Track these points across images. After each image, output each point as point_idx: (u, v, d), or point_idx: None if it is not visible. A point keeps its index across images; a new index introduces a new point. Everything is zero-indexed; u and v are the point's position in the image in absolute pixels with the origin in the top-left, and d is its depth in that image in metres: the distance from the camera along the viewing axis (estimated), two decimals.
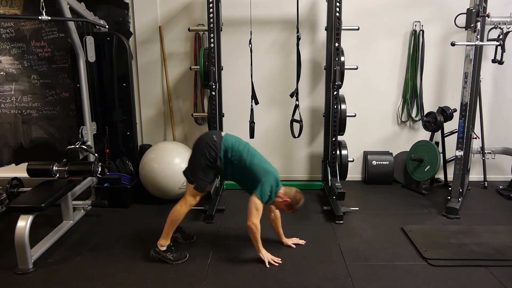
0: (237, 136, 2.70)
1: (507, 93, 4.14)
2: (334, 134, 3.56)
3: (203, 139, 2.60)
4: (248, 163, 2.54)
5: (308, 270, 2.51)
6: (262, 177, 2.50)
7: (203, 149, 2.55)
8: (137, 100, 4.16)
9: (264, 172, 2.52)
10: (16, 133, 4.27)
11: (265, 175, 2.51)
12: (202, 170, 2.55)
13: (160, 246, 2.60)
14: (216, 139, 2.57)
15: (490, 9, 3.48)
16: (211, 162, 2.55)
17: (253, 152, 2.61)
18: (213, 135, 2.61)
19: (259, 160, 2.58)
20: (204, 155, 2.53)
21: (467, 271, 2.50)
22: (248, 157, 2.55)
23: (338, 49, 3.41)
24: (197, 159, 2.57)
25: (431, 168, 3.85)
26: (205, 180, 2.59)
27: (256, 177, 2.52)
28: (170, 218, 2.61)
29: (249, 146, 2.65)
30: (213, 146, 2.54)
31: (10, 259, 2.58)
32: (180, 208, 2.60)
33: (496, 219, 3.31)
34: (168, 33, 4.07)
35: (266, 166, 2.57)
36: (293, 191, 2.62)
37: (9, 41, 4.05)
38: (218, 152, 2.54)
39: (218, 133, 2.66)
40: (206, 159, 2.54)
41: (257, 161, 2.56)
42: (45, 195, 2.75)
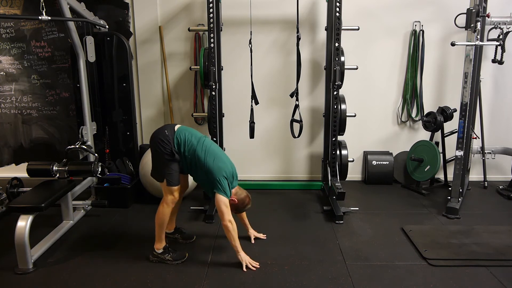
0: (192, 129, 2.66)
1: (507, 93, 4.14)
2: (334, 134, 3.56)
3: (155, 136, 2.57)
4: (202, 160, 2.50)
5: (308, 270, 2.51)
6: (217, 174, 2.47)
7: (158, 145, 2.52)
8: (137, 100, 4.16)
9: (218, 169, 2.48)
10: (16, 133, 4.27)
11: (220, 171, 2.48)
12: (164, 165, 2.54)
13: (156, 249, 2.61)
14: (168, 133, 2.54)
15: (490, 9, 3.48)
16: (170, 155, 2.52)
17: (208, 147, 2.55)
18: (165, 130, 2.57)
19: (213, 156, 2.52)
20: (160, 150, 2.51)
21: (467, 271, 2.50)
22: (202, 153, 2.51)
23: (338, 49, 3.41)
24: (157, 157, 2.57)
25: (431, 168, 3.85)
26: (172, 172, 2.55)
27: (212, 175, 2.48)
28: (157, 221, 2.60)
29: (204, 140, 2.60)
30: (165, 140, 2.51)
31: (10, 259, 2.58)
32: (162, 209, 2.59)
33: (496, 219, 3.31)
34: (168, 33, 4.07)
35: (220, 164, 2.51)
36: (244, 194, 2.62)
37: (9, 41, 4.05)
38: (172, 146, 2.52)
39: (171, 127, 2.60)
40: (163, 153, 2.51)
41: (210, 159, 2.51)
42: (45, 195, 2.75)
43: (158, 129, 2.63)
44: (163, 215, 2.59)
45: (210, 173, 2.49)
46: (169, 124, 2.66)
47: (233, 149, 4.20)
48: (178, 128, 2.59)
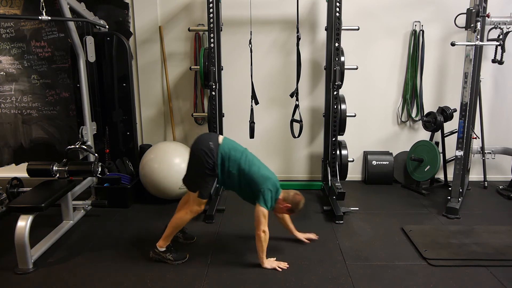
0: (234, 141, 2.64)
1: (507, 93, 4.14)
2: (334, 134, 3.56)
3: (199, 147, 2.52)
4: (246, 172, 2.50)
5: (308, 270, 2.51)
6: (262, 186, 2.47)
7: (201, 157, 2.48)
8: (137, 100, 4.16)
9: (263, 180, 2.49)
10: (16, 133, 4.27)
11: (264, 183, 2.48)
12: (202, 177, 2.52)
13: (159, 247, 2.60)
14: (213, 146, 2.50)
15: (490, 9, 3.48)
16: (210, 170, 2.51)
17: (251, 160, 2.56)
18: (209, 142, 2.51)
19: (258, 167, 2.54)
20: (202, 163, 2.48)
21: (467, 271, 2.50)
22: (246, 165, 2.51)
23: (338, 49, 3.41)
24: (196, 167, 2.53)
25: (431, 168, 3.85)
26: (208, 186, 2.55)
27: (255, 186, 2.49)
28: (172, 224, 2.60)
29: (247, 153, 2.60)
30: (209, 153, 2.48)
31: (10, 259, 2.58)
32: (184, 215, 2.59)
33: (496, 219, 3.31)
34: (168, 33, 4.07)
35: (264, 173, 2.53)
36: (291, 194, 2.60)
37: (9, 41, 4.05)
38: (215, 160, 2.50)
39: (215, 138, 2.56)
40: (204, 167, 2.49)
41: (255, 169, 2.51)
42: (45, 195, 2.75)
43: (202, 139, 2.57)
44: (181, 221, 2.60)
45: (255, 184, 2.49)
46: (212, 134, 2.62)
47: None
48: (222, 142, 2.55)
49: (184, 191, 3.57)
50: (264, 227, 2.48)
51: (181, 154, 3.62)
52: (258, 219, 2.47)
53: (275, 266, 2.54)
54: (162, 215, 3.37)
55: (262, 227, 2.47)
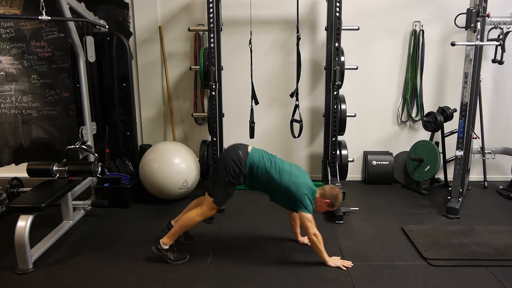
0: (262, 150, 2.65)
1: (507, 93, 4.14)
2: (334, 134, 3.56)
3: (228, 154, 2.56)
4: (278, 181, 2.51)
5: (308, 270, 2.51)
6: (297, 193, 2.48)
7: (228, 165, 2.51)
8: (137, 100, 4.16)
9: (296, 187, 2.49)
10: (16, 133, 4.27)
11: (298, 189, 2.49)
12: (224, 185, 2.53)
13: (163, 244, 2.59)
14: (242, 155, 2.53)
15: (490, 9, 3.48)
16: (234, 178, 2.52)
17: (281, 167, 2.55)
18: (239, 150, 2.55)
19: (289, 174, 2.53)
20: (228, 171, 2.50)
21: (467, 271, 2.50)
22: (276, 174, 2.51)
23: (338, 49, 3.41)
24: (221, 174, 2.54)
25: (431, 168, 3.85)
26: (226, 195, 2.57)
27: (291, 194, 2.49)
28: (182, 223, 2.61)
29: (276, 159, 2.61)
30: (238, 162, 2.51)
31: (10, 259, 2.58)
32: (195, 216, 2.59)
33: (496, 219, 3.31)
34: (168, 33, 4.07)
35: (296, 180, 2.52)
36: (327, 189, 2.61)
37: (9, 41, 4.05)
38: (242, 169, 2.52)
39: (244, 148, 2.59)
40: (229, 175, 2.51)
41: (287, 177, 2.51)
42: (45, 195, 2.75)
43: (232, 148, 2.62)
44: (190, 222, 2.60)
45: (289, 192, 2.50)
46: (242, 144, 2.63)
47: None
48: (251, 151, 2.58)
49: (184, 191, 3.59)
50: (314, 231, 2.50)
51: (181, 154, 3.62)
52: (305, 225, 2.50)
53: (339, 264, 2.55)
54: (162, 215, 3.37)
55: (311, 231, 2.49)
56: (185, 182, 3.54)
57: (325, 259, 2.56)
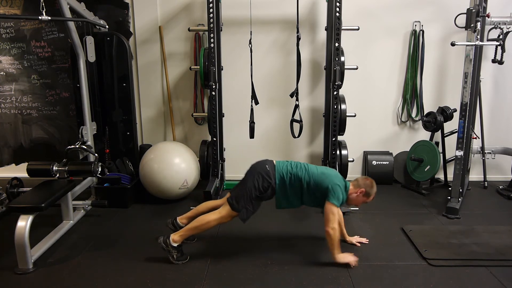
0: (283, 160, 2.70)
1: (507, 93, 4.14)
2: (334, 134, 3.56)
3: (257, 170, 2.59)
4: (309, 177, 2.54)
5: (308, 270, 2.51)
6: (329, 183, 2.51)
7: (256, 180, 2.53)
8: (137, 100, 4.16)
9: (328, 178, 2.53)
10: (16, 133, 4.27)
11: (330, 180, 2.52)
12: (250, 201, 2.54)
13: (172, 241, 2.56)
14: (269, 169, 2.57)
15: (490, 9, 3.48)
16: (262, 193, 2.54)
17: (306, 167, 2.61)
18: (266, 165, 2.59)
19: (316, 168, 2.60)
20: (256, 186, 2.53)
21: (467, 271, 2.50)
22: (304, 173, 2.56)
23: (338, 49, 3.41)
24: (248, 190, 2.54)
25: (431, 168, 3.85)
26: (251, 211, 2.58)
27: (322, 185, 2.52)
28: (196, 225, 2.58)
29: (301, 164, 2.65)
30: (266, 176, 2.54)
31: (10, 259, 2.58)
32: (212, 221, 2.57)
33: (496, 219, 3.31)
34: (168, 33, 4.07)
35: (327, 171, 2.58)
36: (360, 180, 2.66)
37: (9, 41, 4.05)
38: (272, 183, 2.54)
39: (270, 162, 2.64)
40: (257, 190, 2.53)
41: (315, 171, 2.57)
42: (45, 195, 2.75)
43: (258, 164, 2.65)
44: (206, 226, 2.58)
45: (320, 185, 2.53)
46: (267, 160, 2.67)
47: (233, 149, 4.20)
48: (277, 163, 2.63)
49: (184, 191, 3.59)
50: (333, 224, 2.49)
51: (181, 154, 3.62)
52: (326, 216, 2.50)
53: (347, 260, 2.55)
54: (162, 215, 3.37)
55: (331, 224, 2.49)
56: (185, 182, 3.54)
57: (334, 255, 2.56)
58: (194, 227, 2.59)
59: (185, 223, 2.81)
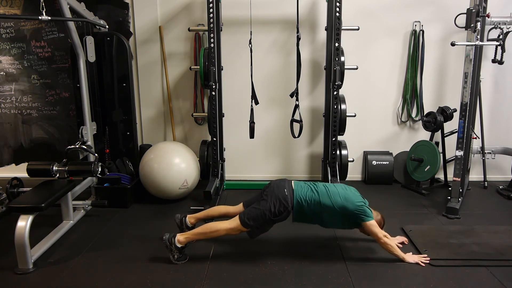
0: (303, 182, 2.66)
1: (507, 93, 4.14)
2: (334, 134, 3.56)
3: (274, 192, 2.54)
4: (331, 205, 2.51)
5: (308, 270, 2.51)
6: (354, 207, 2.51)
7: (273, 203, 2.50)
8: (137, 100, 4.16)
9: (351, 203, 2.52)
10: (16, 133, 4.27)
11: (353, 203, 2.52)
12: (264, 222, 2.54)
13: (178, 241, 2.55)
14: (288, 193, 2.53)
15: (490, 9, 3.48)
16: (276, 216, 2.52)
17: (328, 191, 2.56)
18: (284, 189, 2.55)
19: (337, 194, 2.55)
20: (272, 210, 2.50)
21: (467, 271, 2.50)
22: (327, 200, 2.52)
23: (338, 49, 3.41)
24: (262, 211, 2.51)
25: (431, 168, 3.85)
26: (262, 231, 2.59)
27: (348, 211, 2.52)
28: (205, 231, 2.57)
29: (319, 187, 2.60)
30: (284, 201, 2.51)
31: (10, 259, 2.58)
32: (221, 230, 2.54)
33: (496, 219, 3.31)
34: (168, 33, 4.07)
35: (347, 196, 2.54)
36: (379, 216, 2.69)
37: (9, 41, 4.05)
38: (288, 207, 2.52)
39: (289, 185, 2.59)
40: (272, 214, 2.50)
41: (338, 198, 2.52)
42: (45, 195, 2.75)
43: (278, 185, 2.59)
44: (214, 235, 2.57)
45: (346, 210, 2.52)
46: (285, 181, 2.64)
47: (233, 149, 4.20)
48: (296, 187, 2.59)
49: (184, 191, 3.59)
50: (383, 233, 2.53)
51: (181, 154, 3.62)
52: (373, 233, 2.53)
53: (417, 260, 2.56)
54: (162, 215, 3.37)
55: (380, 235, 2.52)
56: (185, 182, 3.54)
57: (402, 257, 2.57)
58: (201, 232, 2.58)
59: (193, 223, 2.83)
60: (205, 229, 2.57)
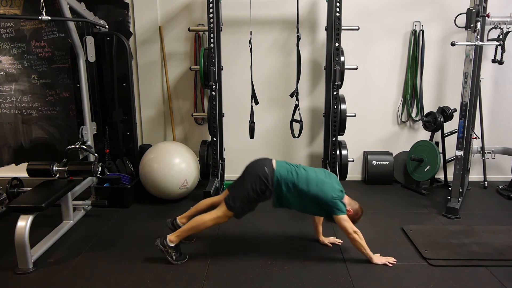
0: (285, 162, 2.64)
1: (507, 93, 4.14)
2: (334, 134, 3.56)
3: (255, 171, 2.55)
4: (306, 191, 2.51)
5: (308, 270, 2.51)
6: (328, 198, 2.49)
7: (254, 182, 2.51)
8: (137, 100, 4.16)
9: (325, 194, 2.50)
10: (16, 133, 4.27)
11: (328, 195, 2.50)
12: (248, 201, 2.54)
13: (169, 241, 2.56)
14: (268, 171, 2.52)
15: (490, 9, 3.48)
16: (259, 195, 2.53)
17: (308, 177, 2.54)
18: (264, 167, 2.54)
19: (315, 182, 2.53)
20: (253, 188, 2.50)
21: (467, 271, 2.50)
22: (304, 185, 2.51)
23: (338, 49, 3.41)
24: (245, 191, 2.52)
25: (431, 168, 3.85)
26: (247, 210, 2.58)
27: (322, 201, 2.50)
28: (193, 225, 2.58)
29: (300, 170, 2.58)
30: (264, 180, 2.50)
31: (10, 259, 2.58)
32: (208, 221, 2.56)
33: (496, 219, 3.31)
34: (168, 33, 4.07)
35: (324, 187, 2.52)
36: (357, 205, 2.65)
37: (9, 41, 4.05)
38: (269, 186, 2.51)
39: (269, 163, 2.57)
40: (254, 192, 2.51)
41: (314, 187, 2.51)
42: (45, 195, 2.75)
43: (257, 163, 2.60)
44: (204, 226, 2.57)
45: (320, 199, 2.51)
46: (266, 159, 2.62)
47: (233, 149, 4.20)
48: (277, 166, 2.57)
49: (184, 191, 3.59)
50: (353, 229, 2.50)
51: (181, 154, 3.63)
52: (342, 227, 2.51)
53: (384, 261, 2.56)
54: (162, 215, 3.37)
55: (350, 230, 2.49)
56: (185, 182, 3.54)
57: (369, 257, 2.56)
58: (190, 227, 2.59)
59: (184, 222, 2.81)
60: (193, 223, 2.59)
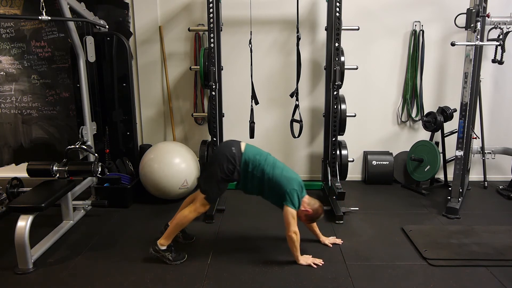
0: (256, 147, 2.67)
1: (507, 93, 4.14)
2: (334, 134, 3.56)
3: (222, 152, 2.58)
4: (270, 175, 2.53)
5: (308, 270, 2.51)
6: (287, 186, 2.50)
7: (221, 162, 2.53)
8: (137, 100, 4.16)
9: (287, 181, 2.52)
10: (16, 133, 4.27)
11: (289, 184, 2.51)
12: (217, 182, 2.55)
13: (160, 245, 2.59)
14: (235, 152, 2.55)
15: (490, 9, 3.48)
16: (227, 176, 2.54)
17: (273, 163, 2.59)
18: (232, 147, 2.57)
19: (281, 169, 2.56)
20: (222, 168, 2.52)
21: (467, 271, 2.50)
22: (269, 169, 2.54)
23: (338, 49, 3.41)
24: (213, 171, 2.55)
25: (431, 168, 3.85)
26: (218, 192, 2.61)
27: (281, 188, 2.51)
28: (177, 221, 2.62)
29: (268, 156, 2.63)
30: (232, 159, 2.52)
31: (10, 259, 2.58)
32: (188, 213, 2.60)
33: (496, 219, 3.31)
34: (168, 33, 4.07)
35: (288, 174, 2.56)
36: (317, 204, 2.63)
37: (9, 41, 4.05)
38: (236, 166, 2.53)
39: (237, 144, 2.61)
40: (222, 173, 2.53)
41: (278, 172, 2.54)
42: (45, 195, 2.75)
43: (225, 144, 2.64)
44: (185, 220, 2.60)
45: (279, 186, 2.51)
46: (234, 141, 2.65)
47: None
48: (245, 148, 2.60)
49: (184, 191, 3.59)
50: (294, 228, 2.50)
51: (181, 154, 3.62)
52: (287, 221, 2.50)
53: (310, 262, 2.56)
54: (162, 215, 3.37)
55: (292, 228, 2.49)
56: (185, 182, 3.54)
57: (297, 257, 2.58)
58: (175, 224, 2.62)
59: None
60: (176, 220, 2.63)
